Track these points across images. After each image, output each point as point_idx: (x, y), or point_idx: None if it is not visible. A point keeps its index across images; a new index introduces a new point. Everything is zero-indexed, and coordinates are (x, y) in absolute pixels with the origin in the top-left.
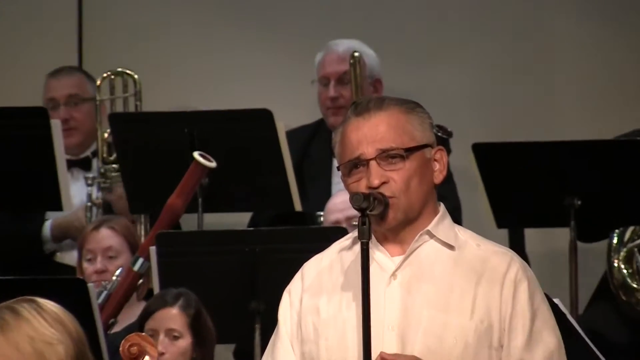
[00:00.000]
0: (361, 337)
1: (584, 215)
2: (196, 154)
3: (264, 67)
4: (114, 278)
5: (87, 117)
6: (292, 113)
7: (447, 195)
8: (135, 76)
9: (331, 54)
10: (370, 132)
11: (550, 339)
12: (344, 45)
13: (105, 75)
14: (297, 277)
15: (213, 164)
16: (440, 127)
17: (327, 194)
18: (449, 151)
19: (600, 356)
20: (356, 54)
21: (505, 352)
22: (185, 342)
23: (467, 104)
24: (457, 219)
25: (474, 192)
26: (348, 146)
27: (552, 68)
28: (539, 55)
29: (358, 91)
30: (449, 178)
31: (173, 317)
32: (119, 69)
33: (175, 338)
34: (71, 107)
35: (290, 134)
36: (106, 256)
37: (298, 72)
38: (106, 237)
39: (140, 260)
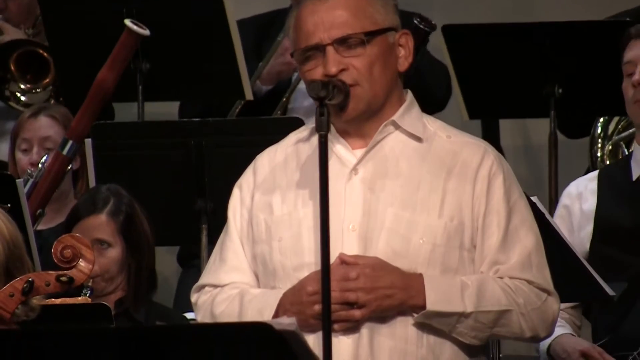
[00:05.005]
0: (319, 238)
1: (566, 105)
2: (127, 21)
3: None
4: (40, 165)
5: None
6: None
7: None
8: None
9: None
10: (327, 17)
11: (527, 238)
12: None
13: None
14: (249, 170)
15: (146, 32)
16: (422, 19)
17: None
18: (426, 43)
19: (581, 258)
20: None
21: (478, 253)
22: (116, 251)
23: None
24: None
25: None
26: (303, 31)
27: None
28: None
29: None
30: (434, 59)
31: (100, 225)
32: None
33: (105, 247)
34: None
35: (250, 19)
36: (43, 147)
37: None
38: (45, 125)
39: (70, 143)
